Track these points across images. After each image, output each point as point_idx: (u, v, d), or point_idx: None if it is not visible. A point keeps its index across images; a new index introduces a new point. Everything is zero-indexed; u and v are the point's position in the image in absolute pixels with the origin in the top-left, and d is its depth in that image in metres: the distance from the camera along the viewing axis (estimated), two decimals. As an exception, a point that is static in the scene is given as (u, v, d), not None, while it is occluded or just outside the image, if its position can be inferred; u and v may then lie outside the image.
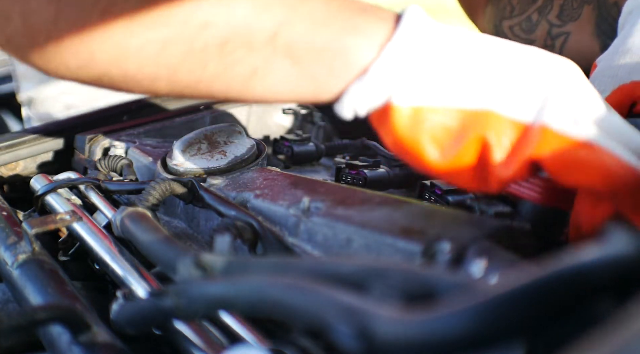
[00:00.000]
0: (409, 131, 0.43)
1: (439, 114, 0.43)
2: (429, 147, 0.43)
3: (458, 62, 0.43)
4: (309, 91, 0.46)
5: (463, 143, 0.43)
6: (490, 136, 0.42)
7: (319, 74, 0.45)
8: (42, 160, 0.80)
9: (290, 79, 0.46)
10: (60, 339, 0.42)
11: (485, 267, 0.38)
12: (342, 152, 0.79)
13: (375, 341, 0.27)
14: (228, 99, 0.50)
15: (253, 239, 0.49)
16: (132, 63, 0.46)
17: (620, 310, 0.25)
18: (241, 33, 0.44)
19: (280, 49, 0.45)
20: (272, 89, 0.47)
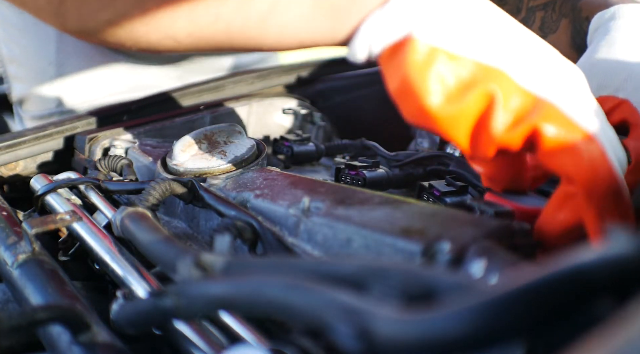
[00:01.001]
0: (420, 68, 0.42)
1: (454, 60, 0.42)
2: (435, 90, 0.42)
3: (483, 21, 0.44)
4: (326, 28, 0.45)
5: (470, 95, 0.42)
6: (499, 95, 0.42)
7: (338, 7, 0.44)
8: (42, 160, 0.80)
9: (308, 15, 0.45)
10: (60, 339, 0.42)
11: (485, 267, 0.38)
12: (342, 152, 0.79)
13: (375, 341, 0.27)
14: (243, 43, 0.49)
15: (253, 239, 0.49)
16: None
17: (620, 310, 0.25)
18: None
19: None
20: (288, 27, 0.46)
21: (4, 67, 1.17)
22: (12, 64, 1.14)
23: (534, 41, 0.45)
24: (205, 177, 0.61)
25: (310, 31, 0.46)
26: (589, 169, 0.41)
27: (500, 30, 0.44)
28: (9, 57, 1.14)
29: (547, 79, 0.43)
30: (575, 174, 0.41)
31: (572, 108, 0.42)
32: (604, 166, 0.41)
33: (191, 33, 0.49)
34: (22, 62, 1.13)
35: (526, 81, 0.42)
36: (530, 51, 0.44)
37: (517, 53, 0.43)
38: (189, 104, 0.90)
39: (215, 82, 0.95)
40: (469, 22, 0.43)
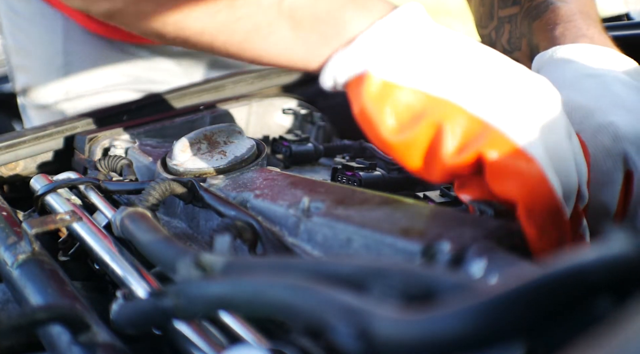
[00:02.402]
0: (375, 101, 0.46)
1: (406, 93, 0.46)
2: (389, 121, 0.46)
3: (436, 54, 0.46)
4: (301, 56, 0.50)
5: (420, 124, 0.45)
6: (446, 124, 0.44)
7: (312, 40, 0.49)
8: (42, 160, 0.80)
9: (287, 42, 0.50)
10: (60, 339, 0.42)
11: (485, 267, 0.38)
12: (341, 152, 0.79)
13: (375, 341, 0.27)
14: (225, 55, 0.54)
15: (253, 239, 0.49)
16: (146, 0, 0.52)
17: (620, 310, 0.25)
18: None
19: (285, 12, 0.49)
20: (268, 49, 0.51)
21: (9, 58, 1.18)
22: (18, 53, 1.15)
23: (492, 65, 0.46)
24: (205, 177, 0.61)
25: (287, 56, 0.51)
26: (528, 191, 0.42)
27: (454, 60, 0.46)
28: (15, 47, 1.15)
29: (497, 103, 0.44)
30: (515, 196, 0.43)
31: (518, 131, 0.43)
32: (542, 188, 0.42)
33: (177, 37, 0.54)
34: (28, 52, 1.14)
35: (474, 108, 0.44)
36: (484, 77, 0.45)
37: (468, 81, 0.45)
38: (189, 104, 0.90)
39: (215, 82, 0.95)
40: (423, 56, 0.46)
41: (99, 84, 1.12)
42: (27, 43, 1.13)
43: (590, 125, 0.55)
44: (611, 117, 0.54)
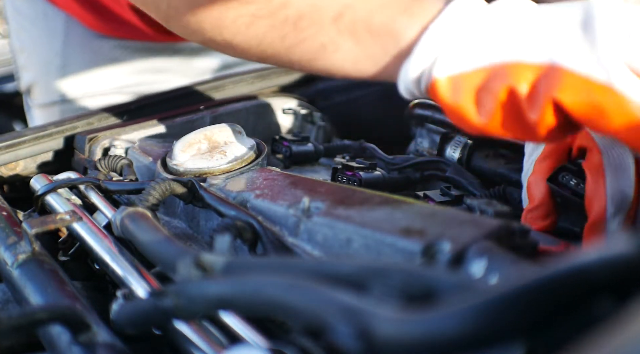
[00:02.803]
0: (452, 98, 0.47)
1: (471, 77, 0.46)
2: (471, 108, 0.47)
3: (485, 28, 0.47)
4: (370, 70, 0.52)
5: (496, 97, 0.45)
6: (515, 83, 0.44)
7: (376, 53, 0.51)
8: (42, 160, 0.80)
9: (353, 57, 0.52)
10: (60, 339, 0.42)
11: (485, 267, 0.38)
12: (341, 152, 0.79)
13: (375, 341, 0.27)
14: (303, 69, 0.58)
15: (253, 239, 0.49)
16: (228, 32, 0.56)
17: (620, 310, 0.25)
18: (312, 12, 0.52)
19: (344, 29, 0.51)
20: (337, 64, 0.53)
21: (15, 57, 1.19)
22: (22, 53, 1.16)
23: (538, 14, 0.46)
24: (205, 177, 0.61)
25: (358, 70, 0.53)
26: (624, 125, 0.41)
27: (502, 27, 0.47)
28: (19, 47, 1.16)
29: (553, 42, 0.44)
30: (615, 132, 0.42)
31: (583, 63, 0.42)
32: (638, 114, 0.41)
33: (260, 59, 0.59)
34: (30, 52, 1.15)
35: (531, 56, 0.44)
36: (532, 26, 0.46)
37: (519, 38, 0.45)
38: (189, 104, 0.90)
39: (215, 82, 0.95)
40: (476, 37, 0.47)
41: (96, 87, 1.13)
42: (29, 43, 1.15)
43: None
44: None
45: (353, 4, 0.51)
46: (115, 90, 1.13)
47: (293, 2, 0.52)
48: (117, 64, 1.14)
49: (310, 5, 0.52)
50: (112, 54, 1.13)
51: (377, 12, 0.50)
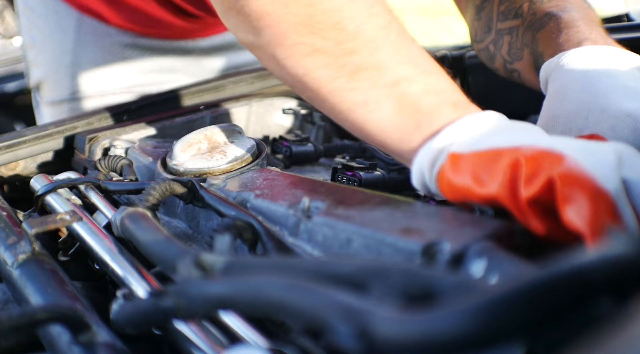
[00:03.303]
0: (460, 172, 0.48)
1: (482, 154, 0.47)
2: (470, 183, 0.47)
3: (504, 130, 0.49)
4: (394, 138, 0.53)
5: (497, 173, 0.45)
6: (520, 160, 0.45)
7: (409, 126, 0.52)
8: (42, 160, 0.80)
9: (386, 122, 0.53)
10: (60, 339, 0.42)
11: (485, 267, 0.38)
12: (341, 152, 0.79)
13: (375, 341, 0.27)
14: (331, 114, 0.58)
15: (253, 239, 0.49)
16: (281, 51, 0.56)
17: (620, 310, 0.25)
18: (374, 70, 0.53)
19: (394, 96, 0.52)
20: (367, 124, 0.54)
21: (25, 54, 1.20)
22: (32, 49, 1.17)
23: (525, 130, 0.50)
24: (205, 177, 0.61)
25: (382, 136, 0.54)
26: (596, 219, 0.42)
27: (518, 131, 0.50)
28: (30, 43, 1.17)
29: (557, 140, 0.45)
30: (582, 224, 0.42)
31: (576, 154, 0.43)
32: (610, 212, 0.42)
33: (294, 89, 0.59)
34: (40, 49, 1.16)
35: (538, 144, 0.45)
36: (523, 134, 0.48)
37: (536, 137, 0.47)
38: (189, 104, 0.90)
39: (215, 82, 0.95)
40: (482, 133, 0.49)
41: (105, 86, 1.14)
42: (40, 40, 1.15)
43: (607, 120, 0.55)
44: (627, 109, 0.55)
45: (413, 79, 0.53)
46: (124, 89, 1.13)
47: (361, 54, 0.53)
48: (128, 63, 1.14)
49: (376, 63, 0.53)
50: (123, 53, 1.13)
51: (429, 95, 0.52)
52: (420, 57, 0.55)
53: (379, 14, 0.54)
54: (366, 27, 0.53)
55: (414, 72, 0.53)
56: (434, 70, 0.54)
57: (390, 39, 0.54)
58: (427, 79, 0.53)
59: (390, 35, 0.54)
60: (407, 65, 0.53)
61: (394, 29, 0.55)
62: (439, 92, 0.53)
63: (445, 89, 0.53)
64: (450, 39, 3.51)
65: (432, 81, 0.53)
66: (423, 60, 0.55)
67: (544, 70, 0.66)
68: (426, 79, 0.53)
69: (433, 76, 0.54)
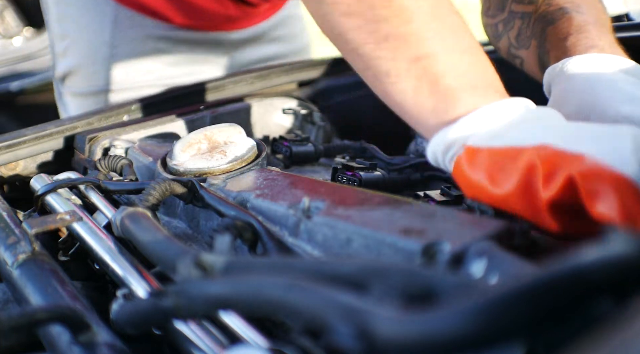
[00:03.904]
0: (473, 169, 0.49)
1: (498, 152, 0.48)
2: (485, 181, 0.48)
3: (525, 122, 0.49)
4: (413, 115, 0.54)
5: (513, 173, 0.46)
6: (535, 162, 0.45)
7: (426, 106, 0.53)
8: (42, 160, 0.80)
9: (406, 97, 0.54)
10: (60, 339, 0.42)
11: (485, 267, 0.38)
12: (341, 153, 0.79)
13: (375, 341, 0.27)
14: (362, 77, 0.59)
15: (253, 239, 0.49)
16: (323, 8, 0.57)
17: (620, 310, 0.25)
18: (399, 40, 0.53)
19: (414, 71, 0.53)
20: (390, 94, 0.55)
21: (52, 45, 1.19)
22: (63, 40, 1.16)
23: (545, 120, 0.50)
24: (205, 177, 0.61)
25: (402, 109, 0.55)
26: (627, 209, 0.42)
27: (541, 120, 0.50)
28: (61, 34, 1.16)
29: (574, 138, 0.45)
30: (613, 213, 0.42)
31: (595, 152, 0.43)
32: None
33: (334, 41, 0.59)
34: (74, 39, 1.15)
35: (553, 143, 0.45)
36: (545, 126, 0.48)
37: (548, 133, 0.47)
38: (189, 104, 0.90)
39: (215, 82, 0.95)
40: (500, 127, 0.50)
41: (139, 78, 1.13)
42: (74, 30, 1.14)
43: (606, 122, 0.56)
44: (625, 112, 0.55)
45: (436, 56, 0.52)
46: (157, 82, 1.13)
47: (391, 23, 0.53)
48: (160, 55, 1.14)
49: (403, 34, 0.53)
50: (156, 45, 1.13)
51: (450, 75, 0.52)
52: (450, 33, 0.54)
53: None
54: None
55: (439, 49, 0.53)
56: (462, 48, 0.54)
57: (422, 11, 0.54)
58: (451, 57, 0.53)
59: (424, 6, 0.54)
60: (433, 40, 0.53)
61: (429, 0, 0.54)
62: (460, 74, 0.52)
63: (468, 71, 0.53)
64: (450, 39, 3.49)
65: (456, 61, 0.53)
66: (453, 36, 0.54)
67: (548, 74, 0.66)
68: (449, 58, 0.53)
69: (457, 55, 0.53)
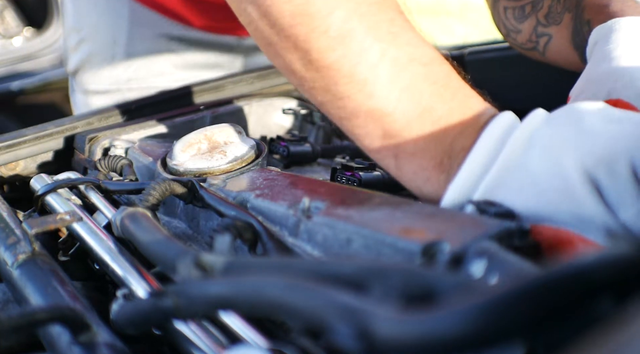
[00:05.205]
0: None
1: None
2: None
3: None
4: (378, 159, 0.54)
5: None
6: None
7: (386, 155, 0.52)
8: (42, 160, 0.80)
9: (372, 148, 0.53)
10: (60, 339, 0.42)
11: (485, 267, 0.38)
12: (339, 153, 0.79)
13: (375, 341, 0.27)
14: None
15: (253, 239, 0.49)
16: (293, 81, 0.56)
17: (620, 310, 0.25)
18: (368, 116, 0.52)
19: (389, 149, 0.52)
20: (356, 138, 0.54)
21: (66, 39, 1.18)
22: (77, 33, 1.15)
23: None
24: (205, 177, 0.61)
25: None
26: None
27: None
28: (75, 26, 1.15)
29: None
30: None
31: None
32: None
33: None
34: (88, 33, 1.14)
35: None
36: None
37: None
38: (189, 104, 0.90)
39: (215, 82, 0.95)
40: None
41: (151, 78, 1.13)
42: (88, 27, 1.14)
43: (633, 87, 0.56)
44: None
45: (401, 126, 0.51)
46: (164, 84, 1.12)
47: (356, 100, 0.52)
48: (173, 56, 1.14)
49: (370, 111, 0.51)
50: (168, 46, 1.12)
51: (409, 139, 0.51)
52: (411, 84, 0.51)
53: (370, 50, 0.51)
54: (358, 68, 0.51)
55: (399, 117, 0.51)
56: (420, 110, 0.51)
57: (381, 79, 0.51)
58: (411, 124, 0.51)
59: (382, 71, 0.51)
60: (395, 111, 0.51)
61: (387, 59, 0.51)
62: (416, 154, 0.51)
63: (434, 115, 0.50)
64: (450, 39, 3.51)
65: (416, 127, 0.50)
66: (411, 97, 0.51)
67: (595, 33, 0.65)
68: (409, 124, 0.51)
69: (418, 122, 0.51)
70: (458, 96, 0.51)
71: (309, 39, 0.52)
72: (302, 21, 0.52)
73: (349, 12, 0.51)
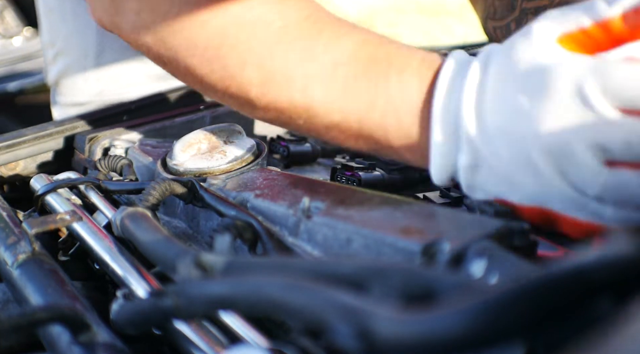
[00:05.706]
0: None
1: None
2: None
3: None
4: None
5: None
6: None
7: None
8: (42, 160, 0.80)
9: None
10: (60, 339, 0.42)
11: (485, 267, 0.38)
12: (339, 153, 0.79)
13: (375, 341, 0.27)
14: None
15: (253, 239, 0.49)
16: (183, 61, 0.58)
17: (620, 310, 0.25)
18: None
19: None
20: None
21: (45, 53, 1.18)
22: (52, 48, 1.15)
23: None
24: (205, 177, 0.61)
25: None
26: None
27: None
28: (50, 42, 1.15)
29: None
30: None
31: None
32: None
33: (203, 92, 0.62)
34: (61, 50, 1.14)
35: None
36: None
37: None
38: (189, 104, 0.90)
39: (215, 82, 0.95)
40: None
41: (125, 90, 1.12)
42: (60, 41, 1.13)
43: None
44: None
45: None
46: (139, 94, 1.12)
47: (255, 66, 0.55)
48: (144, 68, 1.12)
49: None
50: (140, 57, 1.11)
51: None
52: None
53: (294, 78, 0.53)
54: (294, 98, 0.54)
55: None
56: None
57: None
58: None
59: (314, 91, 0.53)
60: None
61: (312, 78, 0.53)
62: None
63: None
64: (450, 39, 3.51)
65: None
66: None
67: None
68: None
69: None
70: (394, 61, 0.52)
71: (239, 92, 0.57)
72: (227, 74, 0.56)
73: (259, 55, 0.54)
